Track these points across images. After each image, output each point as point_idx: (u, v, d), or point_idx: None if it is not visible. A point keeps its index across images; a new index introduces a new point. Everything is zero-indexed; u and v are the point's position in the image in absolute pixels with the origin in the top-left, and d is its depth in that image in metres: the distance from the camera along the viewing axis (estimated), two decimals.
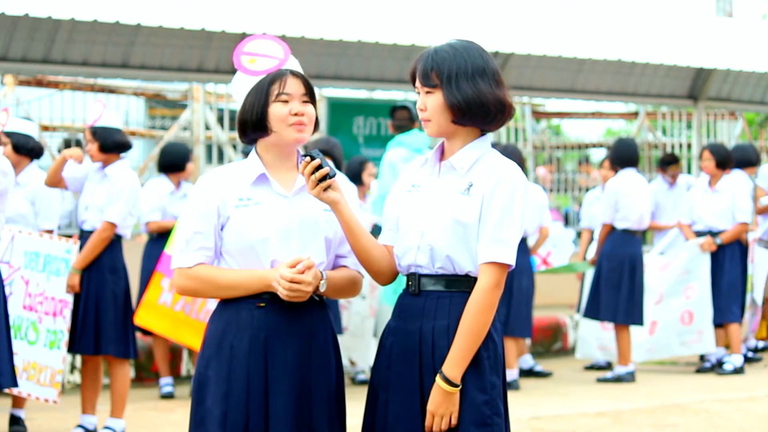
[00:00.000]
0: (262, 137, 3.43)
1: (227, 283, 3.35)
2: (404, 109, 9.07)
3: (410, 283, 3.37)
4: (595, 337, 9.96)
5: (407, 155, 8.36)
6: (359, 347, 8.75)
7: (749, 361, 10.18)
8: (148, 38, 9.95)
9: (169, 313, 7.50)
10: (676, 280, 9.70)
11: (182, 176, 8.68)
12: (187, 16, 9.48)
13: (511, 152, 8.24)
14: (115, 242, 6.73)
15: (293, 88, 3.41)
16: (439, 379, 3.25)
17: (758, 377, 9.53)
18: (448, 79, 3.30)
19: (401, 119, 8.98)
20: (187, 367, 8.95)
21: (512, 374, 8.74)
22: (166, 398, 8.34)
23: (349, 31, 10.19)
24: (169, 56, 10.19)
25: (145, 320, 7.53)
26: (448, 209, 3.31)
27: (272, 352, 3.34)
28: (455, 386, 3.24)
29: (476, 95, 3.29)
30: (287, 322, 3.35)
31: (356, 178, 9.01)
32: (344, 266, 3.49)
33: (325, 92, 11.86)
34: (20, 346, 6.53)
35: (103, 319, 6.66)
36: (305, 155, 3.30)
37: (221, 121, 11.79)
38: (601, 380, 9.29)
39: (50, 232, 6.95)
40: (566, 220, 14.38)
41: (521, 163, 8.42)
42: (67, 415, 7.36)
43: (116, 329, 6.70)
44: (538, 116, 15.47)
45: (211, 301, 6.13)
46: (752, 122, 17.92)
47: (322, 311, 3.43)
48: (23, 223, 6.86)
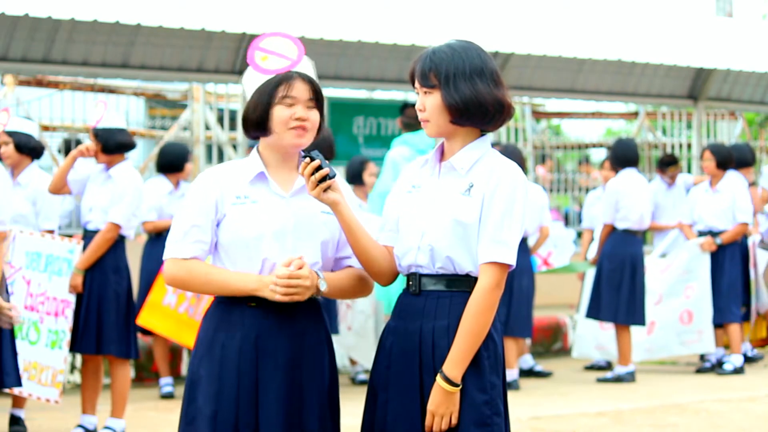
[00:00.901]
0: (262, 136, 3.43)
1: (217, 280, 3.34)
2: (415, 107, 9.02)
3: (411, 283, 3.37)
4: (592, 336, 9.96)
5: (410, 155, 8.34)
6: (363, 346, 8.71)
7: (749, 361, 10.18)
8: (148, 38, 9.95)
9: (172, 314, 7.50)
10: (676, 280, 9.70)
11: (181, 176, 8.67)
12: (187, 16, 9.48)
13: (511, 152, 8.23)
14: (118, 242, 6.73)
15: (299, 91, 3.41)
16: (439, 378, 3.25)
17: (758, 377, 9.53)
18: (446, 79, 3.30)
19: (410, 117, 8.89)
20: (187, 367, 8.94)
21: (512, 374, 8.74)
22: (166, 398, 8.34)
23: (349, 31, 10.19)
24: (169, 56, 10.19)
25: (148, 321, 7.53)
26: (448, 210, 3.31)
27: (263, 351, 3.33)
28: (456, 386, 3.24)
29: (474, 95, 3.29)
30: (278, 321, 3.35)
31: (357, 178, 9.00)
32: (349, 266, 3.48)
33: (325, 92, 11.83)
34: (21, 346, 6.51)
35: (105, 319, 6.66)
36: (305, 156, 3.29)
37: (221, 121, 11.79)
38: (601, 380, 9.29)
39: (51, 232, 6.95)
40: (566, 220, 14.38)
41: (521, 163, 8.42)
42: (67, 415, 7.36)
43: (118, 329, 6.70)
44: (538, 116, 15.46)
45: None
46: (752, 122, 17.92)
47: (315, 310, 3.43)
48: (24, 223, 6.85)
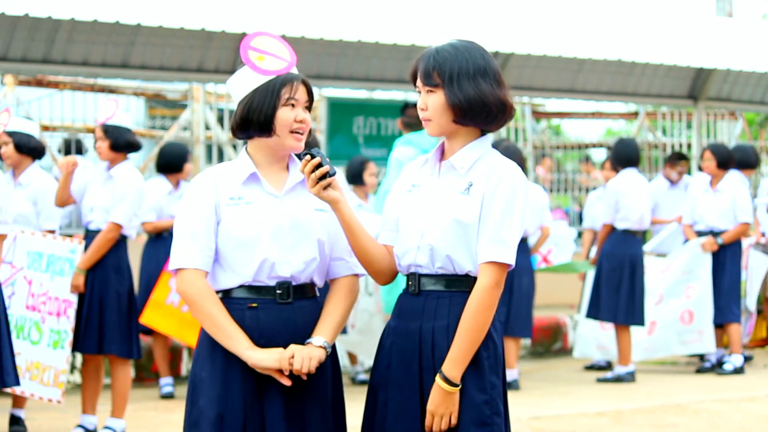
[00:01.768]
0: (262, 137, 3.41)
1: (215, 323, 3.32)
2: (416, 107, 8.99)
3: (410, 282, 3.37)
4: (593, 336, 9.97)
5: (414, 155, 8.32)
6: (367, 344, 8.66)
7: (749, 360, 10.18)
8: (148, 38, 9.95)
9: (175, 313, 7.50)
10: (676, 280, 9.70)
11: (180, 176, 8.67)
12: (187, 16, 9.48)
13: (511, 152, 8.21)
14: (120, 242, 6.73)
15: (301, 94, 3.42)
16: (438, 378, 3.24)
17: (758, 377, 9.53)
18: (450, 78, 3.30)
19: (411, 117, 8.84)
20: (187, 367, 8.95)
21: (512, 374, 8.73)
22: (166, 398, 8.34)
23: (349, 31, 10.19)
24: (169, 56, 10.19)
25: (151, 320, 7.53)
26: (448, 209, 3.30)
27: None
28: (455, 386, 3.24)
29: (478, 95, 3.29)
30: (279, 322, 3.35)
31: (357, 178, 9.00)
32: (337, 277, 3.47)
33: (325, 92, 11.85)
34: (23, 346, 6.53)
35: (106, 318, 6.65)
36: (305, 153, 3.29)
37: (221, 121, 11.78)
38: (601, 380, 9.29)
39: (52, 232, 6.94)
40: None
41: (522, 163, 8.40)
42: (67, 415, 7.36)
43: (120, 329, 6.69)
44: (538, 116, 15.46)
45: None
46: (752, 122, 17.90)
47: (316, 311, 3.42)
48: (25, 223, 6.85)
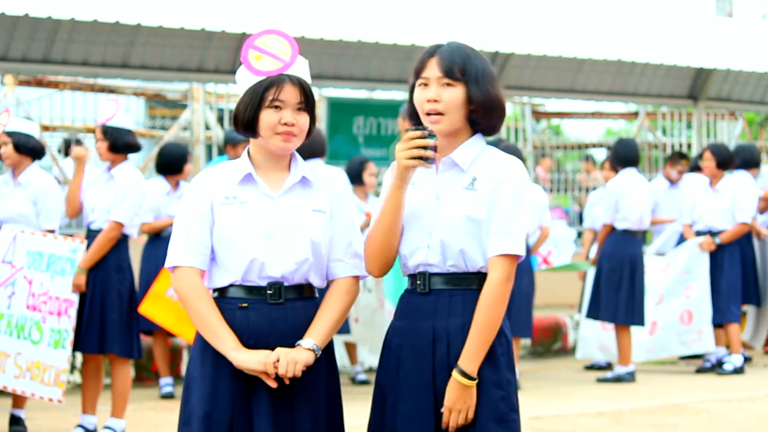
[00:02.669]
0: (251, 137, 3.43)
1: (204, 322, 3.36)
2: None
3: (419, 282, 3.36)
4: (595, 337, 9.97)
5: None
6: (373, 336, 8.53)
7: (749, 361, 10.18)
8: (148, 38, 9.95)
9: (174, 307, 7.48)
10: (675, 280, 9.70)
11: (180, 177, 8.66)
12: (187, 16, 9.48)
13: (511, 152, 8.13)
14: (121, 242, 6.74)
15: (288, 95, 3.37)
16: (455, 373, 3.25)
17: (758, 377, 9.53)
18: (474, 76, 3.33)
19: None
20: (187, 368, 8.93)
21: None
22: (166, 398, 8.34)
23: (349, 31, 10.19)
24: (169, 56, 10.19)
25: (150, 311, 7.52)
26: (456, 205, 3.32)
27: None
28: (472, 380, 3.24)
29: (496, 97, 3.36)
30: (269, 322, 3.35)
31: (357, 177, 9.00)
32: (335, 279, 3.46)
33: (325, 92, 11.86)
34: (24, 345, 6.53)
35: (108, 318, 6.65)
36: (424, 128, 3.28)
37: (221, 121, 11.78)
38: (601, 380, 9.29)
39: (52, 232, 6.94)
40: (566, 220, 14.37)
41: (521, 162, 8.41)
42: (67, 414, 7.36)
43: (121, 328, 6.69)
44: (538, 116, 15.46)
45: None
46: (752, 122, 17.89)
47: (312, 311, 3.40)
48: (24, 223, 6.84)
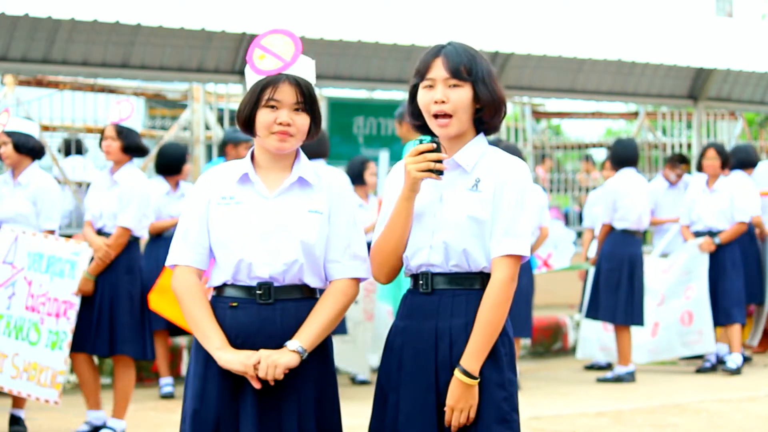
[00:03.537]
0: (252, 136, 3.45)
1: (193, 320, 3.39)
2: None
3: (421, 282, 3.37)
4: (596, 337, 9.96)
5: None
6: (348, 353, 8.47)
7: (749, 361, 10.18)
8: (148, 38, 9.95)
9: None
10: (676, 280, 9.70)
11: (179, 177, 8.67)
12: (187, 16, 9.48)
13: (511, 152, 8.18)
14: (131, 243, 6.75)
15: (285, 95, 3.37)
16: (458, 372, 3.26)
17: (758, 377, 9.53)
18: (481, 76, 3.34)
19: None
20: (187, 367, 8.93)
21: None
22: (166, 398, 8.34)
23: (349, 31, 10.19)
24: (169, 56, 10.18)
25: (158, 304, 7.52)
26: (459, 206, 3.33)
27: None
28: (474, 379, 3.25)
29: (500, 97, 3.38)
30: (258, 322, 3.36)
31: (358, 177, 9.00)
32: (330, 282, 3.46)
33: (325, 92, 11.86)
34: (21, 346, 6.53)
35: (118, 319, 6.65)
36: (434, 140, 3.29)
37: (221, 121, 11.78)
38: (601, 380, 9.29)
39: (52, 232, 6.94)
40: (566, 220, 14.36)
41: None
42: (67, 415, 7.36)
43: (133, 329, 6.68)
44: (538, 116, 15.45)
45: None
46: (752, 122, 17.88)
47: (302, 311, 3.39)
48: (24, 223, 6.84)
